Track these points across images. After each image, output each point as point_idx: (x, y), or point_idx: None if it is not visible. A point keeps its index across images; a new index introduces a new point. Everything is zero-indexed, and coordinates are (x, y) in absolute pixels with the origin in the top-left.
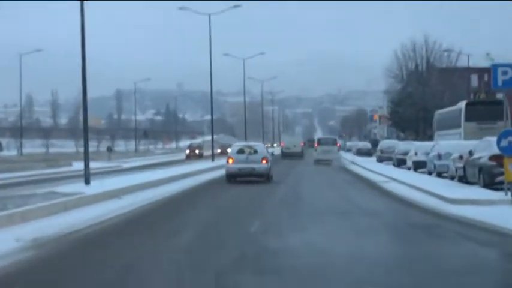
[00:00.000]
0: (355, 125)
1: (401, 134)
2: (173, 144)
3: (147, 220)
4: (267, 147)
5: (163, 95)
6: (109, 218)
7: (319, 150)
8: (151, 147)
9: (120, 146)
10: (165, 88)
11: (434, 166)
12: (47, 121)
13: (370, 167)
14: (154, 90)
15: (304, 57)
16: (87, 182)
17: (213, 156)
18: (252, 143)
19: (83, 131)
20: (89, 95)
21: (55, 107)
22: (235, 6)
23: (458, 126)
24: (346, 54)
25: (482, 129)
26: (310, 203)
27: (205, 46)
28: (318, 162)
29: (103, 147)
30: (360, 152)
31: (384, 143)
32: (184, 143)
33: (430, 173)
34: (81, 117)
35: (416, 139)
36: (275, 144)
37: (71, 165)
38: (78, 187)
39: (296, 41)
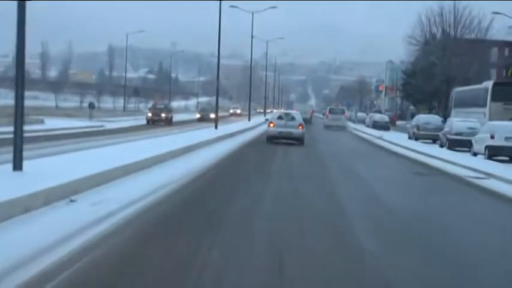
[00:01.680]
0: (356, 94)
1: (412, 108)
2: None
3: None
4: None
5: (156, 54)
6: None
7: (330, 117)
8: (142, 106)
9: (107, 103)
10: (159, 47)
11: None
12: (36, 73)
13: (418, 149)
14: (147, 49)
15: (298, 24)
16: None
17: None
18: (290, 111)
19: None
20: (81, 50)
21: (45, 59)
22: None
23: (483, 105)
24: (341, 23)
25: (507, 109)
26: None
27: (200, 6)
28: (328, 127)
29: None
30: (377, 125)
31: (421, 118)
32: (178, 103)
33: None
34: (71, 71)
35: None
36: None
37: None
38: None
39: (289, 7)
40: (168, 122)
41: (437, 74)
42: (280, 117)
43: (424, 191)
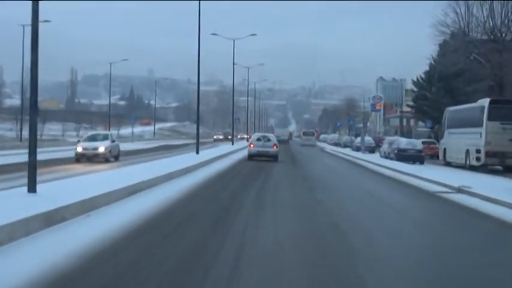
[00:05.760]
0: (342, 116)
1: (427, 129)
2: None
3: None
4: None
5: (133, 81)
6: None
7: (304, 138)
8: (74, 133)
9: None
10: (135, 74)
11: None
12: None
13: None
14: (123, 76)
15: (276, 49)
16: None
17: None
18: (266, 134)
19: None
20: (53, 79)
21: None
22: None
23: (479, 125)
24: (319, 48)
25: (505, 129)
26: None
27: (176, 34)
28: (303, 145)
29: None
30: (404, 156)
31: None
32: (126, 130)
33: None
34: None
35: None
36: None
37: None
38: None
39: (267, 32)
40: None
41: (480, 77)
42: (258, 139)
43: None
